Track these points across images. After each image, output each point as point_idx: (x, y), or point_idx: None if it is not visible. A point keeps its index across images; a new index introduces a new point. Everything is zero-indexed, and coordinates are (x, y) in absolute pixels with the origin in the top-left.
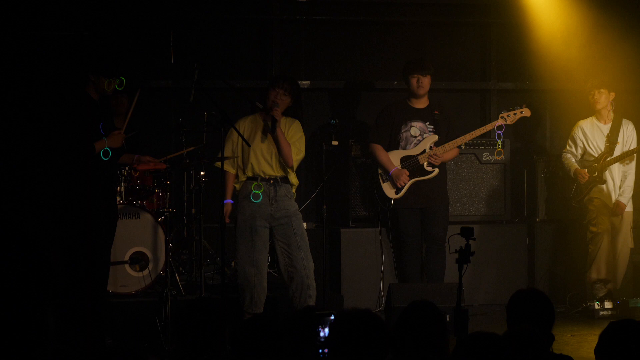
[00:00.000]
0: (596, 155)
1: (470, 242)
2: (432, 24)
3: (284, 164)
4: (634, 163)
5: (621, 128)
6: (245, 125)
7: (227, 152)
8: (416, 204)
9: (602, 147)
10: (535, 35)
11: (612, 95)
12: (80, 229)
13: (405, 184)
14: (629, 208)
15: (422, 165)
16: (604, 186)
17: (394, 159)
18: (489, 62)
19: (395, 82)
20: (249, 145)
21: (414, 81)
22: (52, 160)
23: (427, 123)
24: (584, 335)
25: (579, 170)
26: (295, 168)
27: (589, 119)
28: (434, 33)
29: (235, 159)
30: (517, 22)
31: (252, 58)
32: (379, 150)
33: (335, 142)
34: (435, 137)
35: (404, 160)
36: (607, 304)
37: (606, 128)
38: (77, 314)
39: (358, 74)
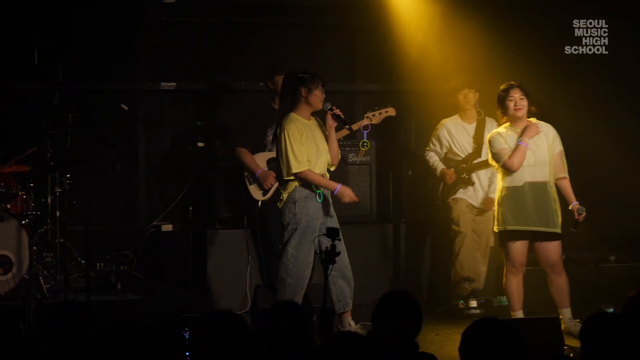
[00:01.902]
0: (462, 155)
1: (336, 242)
2: (297, 26)
3: (330, 162)
4: None
5: (486, 128)
6: (296, 125)
7: (301, 153)
8: None
9: (468, 148)
10: (400, 37)
11: (477, 95)
12: None
13: (272, 186)
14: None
15: None
16: (470, 187)
17: (260, 161)
18: (354, 64)
19: (261, 84)
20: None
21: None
22: None
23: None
24: (448, 334)
25: (446, 170)
26: None
27: (453, 118)
28: (300, 35)
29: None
30: (382, 24)
31: (118, 59)
32: (244, 152)
33: (200, 144)
34: None
35: (271, 162)
36: (472, 303)
37: (471, 128)
38: None
39: (224, 76)
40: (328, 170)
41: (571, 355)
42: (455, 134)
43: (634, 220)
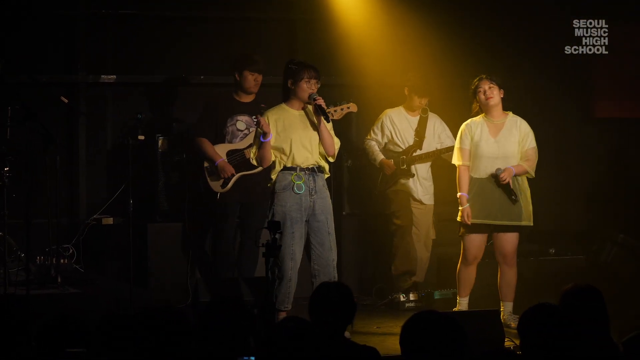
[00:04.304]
0: (402, 147)
1: (277, 235)
2: (240, 20)
3: (325, 153)
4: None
5: (429, 122)
6: (276, 116)
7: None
8: (239, 198)
9: (410, 139)
10: (341, 31)
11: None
12: None
13: (231, 177)
14: (430, 201)
15: (249, 159)
16: (410, 179)
17: (220, 152)
18: (295, 57)
19: (202, 77)
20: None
21: (251, 78)
22: None
23: (254, 117)
24: (389, 327)
25: (385, 161)
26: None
27: (398, 109)
28: (242, 29)
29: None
30: (323, 17)
31: (57, 52)
32: (204, 143)
33: (141, 137)
34: None
35: (230, 154)
36: (412, 296)
37: (414, 120)
38: None
39: (166, 69)
40: (328, 162)
41: (512, 347)
42: (398, 124)
43: (573, 214)
